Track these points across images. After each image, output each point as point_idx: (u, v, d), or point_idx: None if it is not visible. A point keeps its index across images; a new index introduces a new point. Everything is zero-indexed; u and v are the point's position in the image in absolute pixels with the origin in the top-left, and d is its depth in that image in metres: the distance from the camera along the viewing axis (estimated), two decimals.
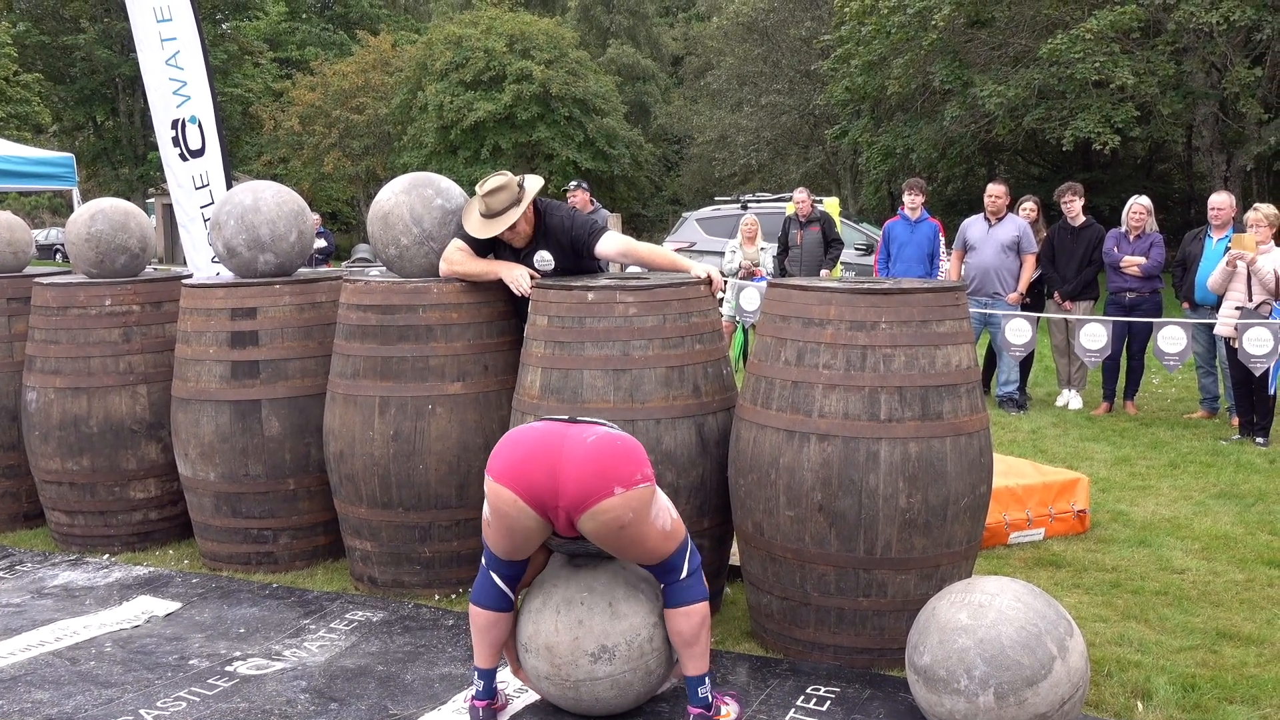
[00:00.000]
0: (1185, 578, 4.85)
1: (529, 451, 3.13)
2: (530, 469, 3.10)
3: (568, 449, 3.11)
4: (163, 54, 7.72)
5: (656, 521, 3.23)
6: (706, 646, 3.37)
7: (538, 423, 3.27)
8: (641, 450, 3.22)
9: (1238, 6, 15.76)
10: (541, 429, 3.21)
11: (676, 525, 3.33)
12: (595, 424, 3.23)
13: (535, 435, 3.18)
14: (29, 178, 12.73)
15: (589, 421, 3.24)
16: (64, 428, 5.33)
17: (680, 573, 3.34)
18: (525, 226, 4.60)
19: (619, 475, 3.10)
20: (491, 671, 3.46)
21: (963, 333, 3.85)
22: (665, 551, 3.30)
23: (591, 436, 3.14)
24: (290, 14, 44.18)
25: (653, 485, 3.19)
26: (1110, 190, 22.74)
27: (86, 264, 5.57)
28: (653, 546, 3.27)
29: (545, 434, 3.17)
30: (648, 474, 3.17)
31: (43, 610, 4.61)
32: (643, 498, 3.14)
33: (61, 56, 35.22)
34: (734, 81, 31.53)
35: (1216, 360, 8.25)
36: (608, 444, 3.14)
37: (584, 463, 3.08)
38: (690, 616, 3.33)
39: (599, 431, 3.18)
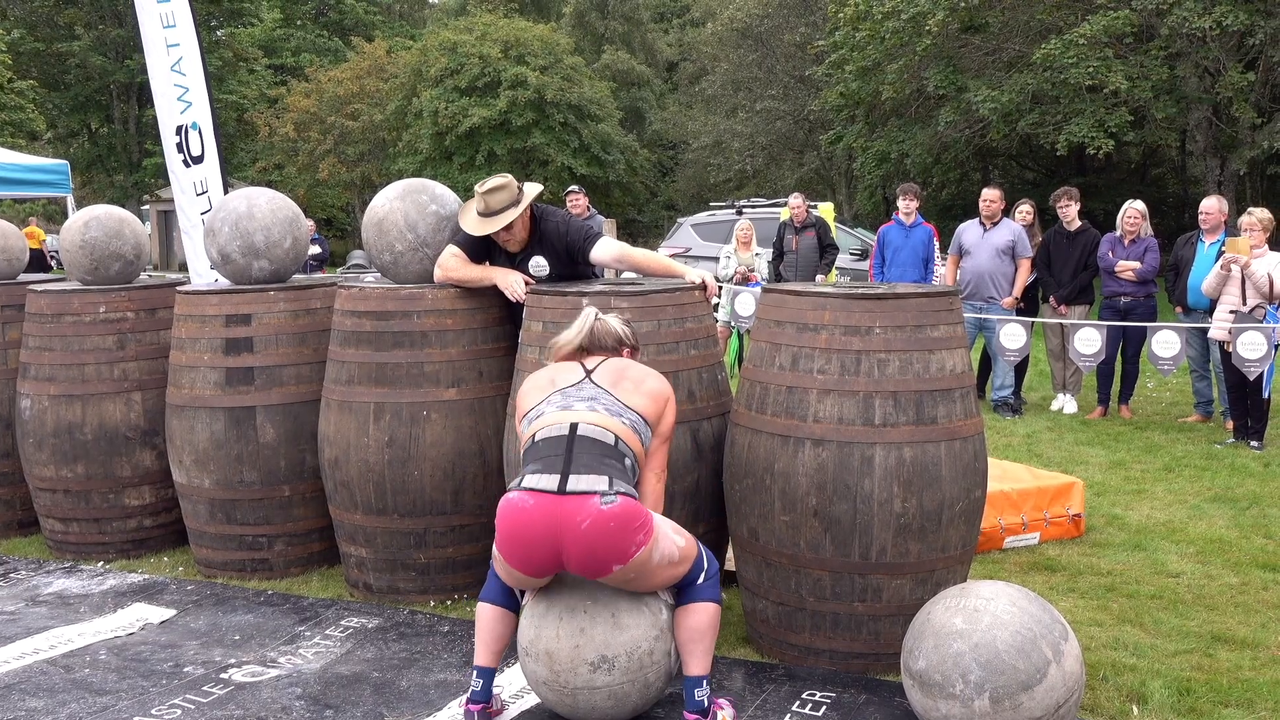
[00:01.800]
0: (1180, 581, 4.86)
1: (529, 540, 3.15)
2: (534, 555, 3.17)
3: (565, 535, 3.12)
4: (168, 60, 7.74)
5: (663, 562, 3.27)
6: (711, 648, 3.39)
7: (528, 497, 3.18)
8: (635, 515, 3.17)
9: (1230, 11, 15.82)
10: (534, 511, 3.15)
11: (685, 550, 3.35)
12: (587, 496, 3.14)
13: (530, 519, 3.15)
14: (24, 185, 12.73)
15: (580, 494, 3.15)
16: (58, 435, 5.32)
17: (697, 580, 3.40)
18: (522, 230, 4.60)
19: (616, 555, 3.14)
20: (491, 671, 3.44)
21: (957, 337, 3.86)
22: (678, 576, 3.36)
23: (585, 521, 3.11)
24: (285, 21, 44.24)
25: (649, 544, 3.19)
26: (1105, 194, 22.79)
27: (81, 271, 5.56)
28: (662, 581, 3.34)
29: (540, 518, 3.14)
30: (642, 539, 3.17)
31: (37, 618, 4.60)
32: (642, 560, 3.19)
33: (56, 63, 35.19)
34: (729, 87, 31.59)
35: (1211, 364, 8.27)
36: (601, 528, 3.11)
37: (582, 550, 3.12)
38: (700, 613, 3.36)
39: (591, 512, 3.12)
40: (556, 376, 3.52)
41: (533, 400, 3.49)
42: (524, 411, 3.49)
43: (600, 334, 3.64)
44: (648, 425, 3.43)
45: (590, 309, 3.71)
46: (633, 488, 3.27)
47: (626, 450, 3.33)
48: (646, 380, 3.52)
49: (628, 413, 3.40)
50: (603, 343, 3.63)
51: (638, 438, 3.39)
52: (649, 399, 3.47)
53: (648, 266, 4.66)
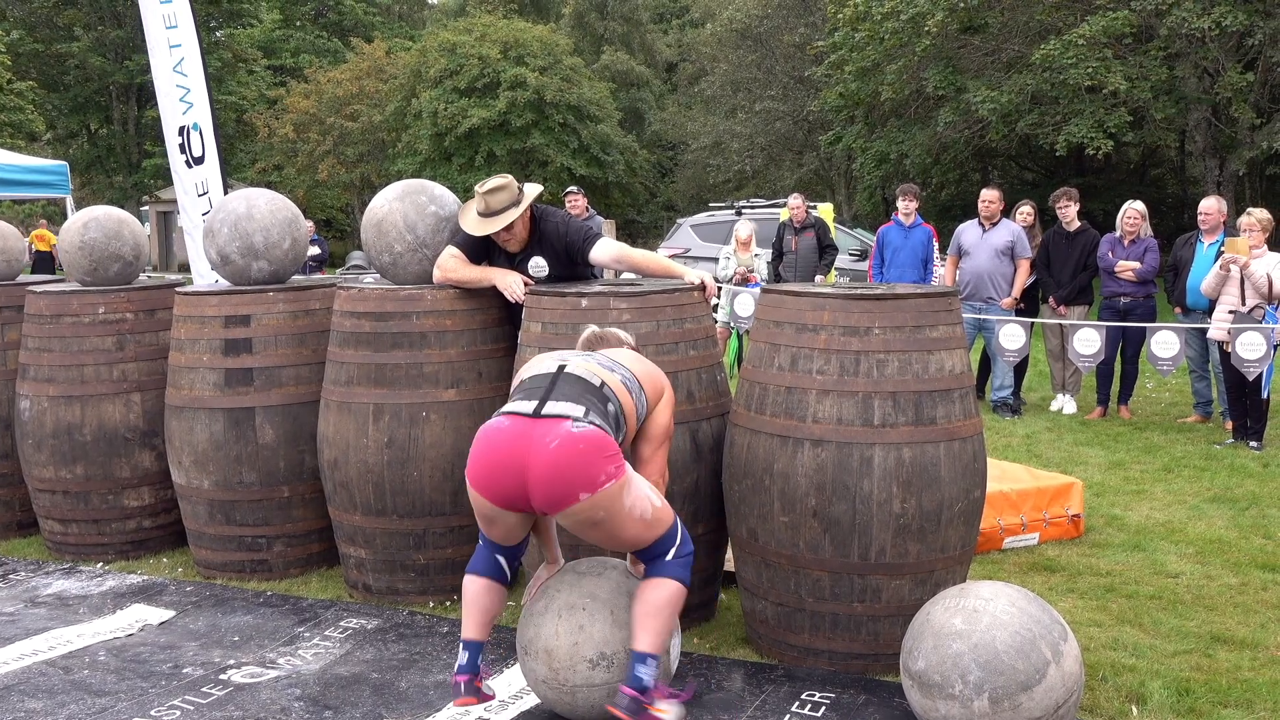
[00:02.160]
0: (1179, 582, 4.86)
1: (496, 460, 3.10)
2: (499, 476, 3.09)
3: (532, 456, 3.06)
4: (170, 60, 7.75)
5: (633, 512, 3.19)
6: (666, 629, 3.27)
7: (504, 420, 3.17)
8: (607, 445, 3.12)
9: (1229, 11, 15.83)
10: (507, 431, 3.13)
11: (660, 513, 3.28)
12: (559, 420, 3.12)
13: (500, 439, 3.13)
14: (23, 186, 12.71)
15: (553, 417, 3.13)
16: (57, 436, 5.32)
17: (667, 555, 3.31)
18: (522, 230, 4.60)
19: (583, 481, 3.05)
20: (478, 645, 3.34)
21: (956, 338, 3.86)
22: (647, 539, 3.27)
23: (554, 440, 3.06)
24: (284, 21, 44.25)
25: (621, 480, 3.12)
26: (1104, 195, 22.80)
27: (80, 272, 5.56)
28: (631, 536, 3.24)
29: (510, 438, 3.11)
30: (613, 471, 3.10)
31: (36, 619, 4.60)
32: (611, 495, 3.10)
33: (55, 64, 35.19)
34: (728, 88, 31.59)
35: (1210, 364, 8.27)
36: (569, 449, 3.06)
37: (547, 471, 3.04)
38: (660, 587, 3.27)
39: (561, 433, 3.08)
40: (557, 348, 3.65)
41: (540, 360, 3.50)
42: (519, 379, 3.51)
43: (594, 339, 3.72)
44: (642, 391, 3.39)
45: (590, 329, 3.78)
46: (611, 431, 3.20)
47: (611, 396, 3.28)
48: (649, 364, 3.55)
49: (621, 368, 3.38)
50: (617, 341, 3.72)
51: (629, 394, 3.33)
52: (647, 376, 3.46)
53: (647, 267, 4.66)
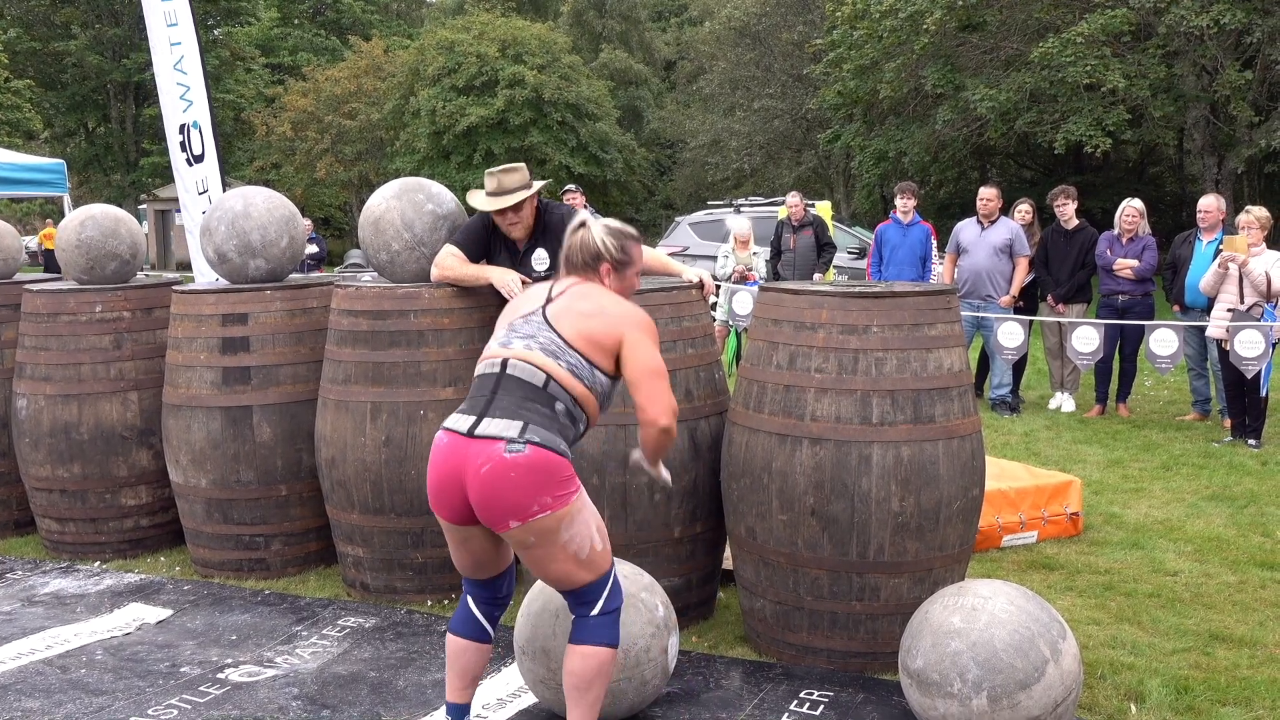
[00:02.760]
0: (1178, 580, 4.86)
1: (440, 477, 2.96)
2: (447, 494, 2.95)
3: (467, 477, 2.89)
4: (171, 58, 7.74)
5: (568, 547, 2.95)
6: (599, 700, 3.05)
7: (444, 436, 2.98)
8: (547, 469, 2.88)
9: (1228, 10, 15.81)
10: (446, 449, 2.96)
11: (597, 557, 3.02)
12: (492, 441, 2.88)
13: (440, 458, 2.96)
14: (20, 184, 12.71)
15: (486, 438, 2.89)
16: (54, 435, 5.31)
17: (593, 608, 3.04)
18: (529, 216, 4.57)
19: (513, 509, 2.87)
20: (460, 708, 3.21)
21: (955, 336, 3.85)
22: (574, 581, 3.01)
23: (485, 465, 2.86)
24: (282, 20, 44.19)
25: (559, 512, 2.90)
26: (1102, 193, 22.80)
27: (77, 270, 5.55)
28: (559, 572, 3.00)
29: (448, 455, 2.94)
30: (550, 502, 2.88)
31: (33, 618, 4.59)
32: (544, 526, 2.89)
33: (53, 63, 35.12)
34: (726, 86, 31.57)
35: (1208, 362, 8.27)
36: (500, 476, 2.85)
37: (478, 496, 2.89)
38: (589, 658, 3.01)
39: (494, 457, 2.86)
40: (523, 302, 3.21)
41: (498, 332, 3.20)
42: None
43: (572, 251, 3.20)
44: (592, 368, 3.05)
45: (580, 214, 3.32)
46: (561, 435, 2.96)
47: (559, 393, 2.99)
48: (597, 318, 3.08)
49: (566, 353, 3.03)
50: (574, 260, 3.20)
51: (578, 381, 3.02)
52: (591, 341, 3.05)
53: (647, 264, 4.65)
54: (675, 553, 4.20)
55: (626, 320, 3.10)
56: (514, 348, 3.06)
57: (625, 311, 3.12)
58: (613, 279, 3.20)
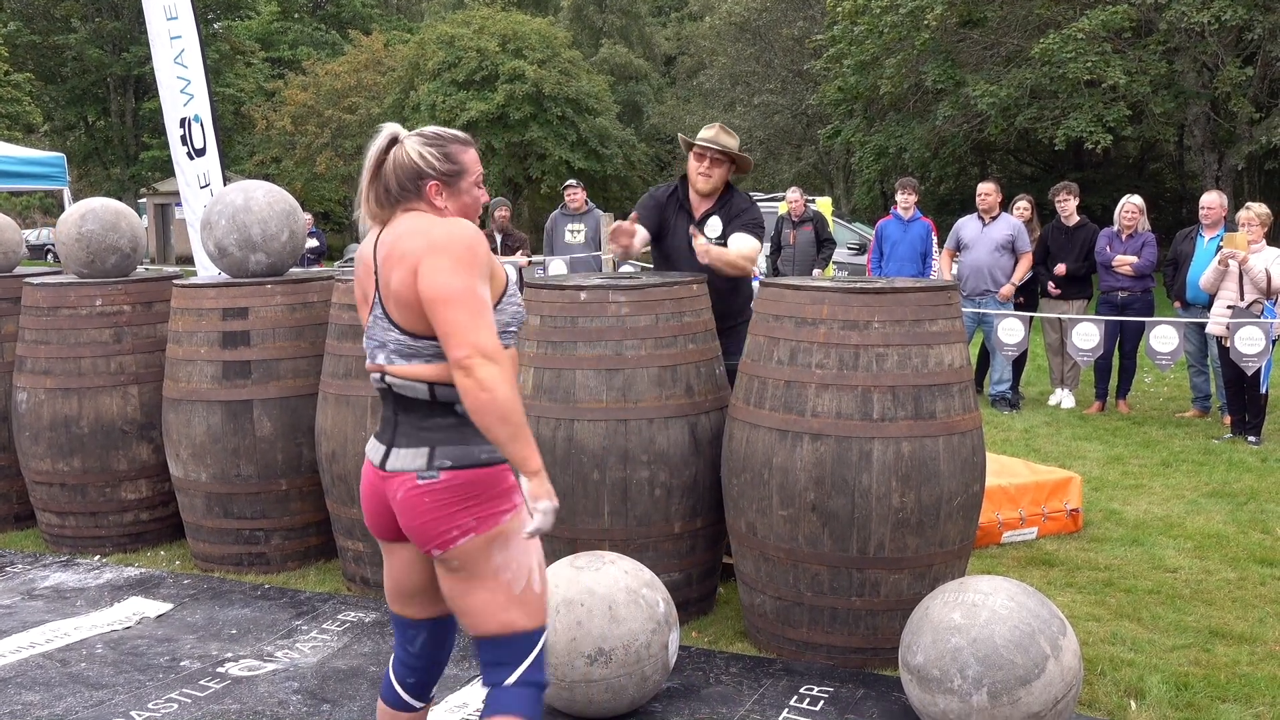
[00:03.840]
0: (1178, 576, 4.86)
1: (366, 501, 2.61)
2: (377, 516, 2.60)
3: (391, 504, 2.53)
4: (171, 52, 7.73)
5: (502, 574, 2.49)
6: None
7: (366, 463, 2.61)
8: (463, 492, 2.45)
9: (1229, 6, 15.81)
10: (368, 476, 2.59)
11: (534, 599, 2.54)
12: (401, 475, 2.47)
13: (367, 483, 2.60)
14: (20, 178, 12.69)
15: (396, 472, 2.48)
16: (55, 428, 5.31)
17: (511, 672, 2.52)
18: (719, 179, 4.70)
19: (434, 537, 2.46)
20: None
21: (955, 332, 3.85)
22: (503, 621, 2.50)
23: (399, 492, 2.47)
24: (282, 13, 44.13)
25: (486, 534, 2.46)
26: (1103, 189, 22.80)
27: (77, 264, 5.54)
28: (485, 603, 2.49)
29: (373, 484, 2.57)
30: (472, 524, 2.45)
31: (33, 612, 4.59)
32: (467, 551, 2.45)
33: (52, 56, 35.13)
34: (727, 81, 31.56)
35: (1208, 359, 8.27)
36: (413, 503, 2.46)
37: (403, 524, 2.51)
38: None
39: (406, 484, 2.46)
40: (360, 289, 2.63)
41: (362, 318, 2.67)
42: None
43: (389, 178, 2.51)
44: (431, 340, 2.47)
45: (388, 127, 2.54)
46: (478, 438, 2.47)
47: (449, 394, 2.46)
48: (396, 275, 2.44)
49: (419, 346, 2.47)
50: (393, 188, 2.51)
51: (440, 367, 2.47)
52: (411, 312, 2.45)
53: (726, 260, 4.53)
54: (675, 548, 4.20)
55: (414, 252, 2.41)
56: (381, 361, 2.54)
57: (418, 242, 2.42)
58: (446, 198, 2.53)
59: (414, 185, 2.50)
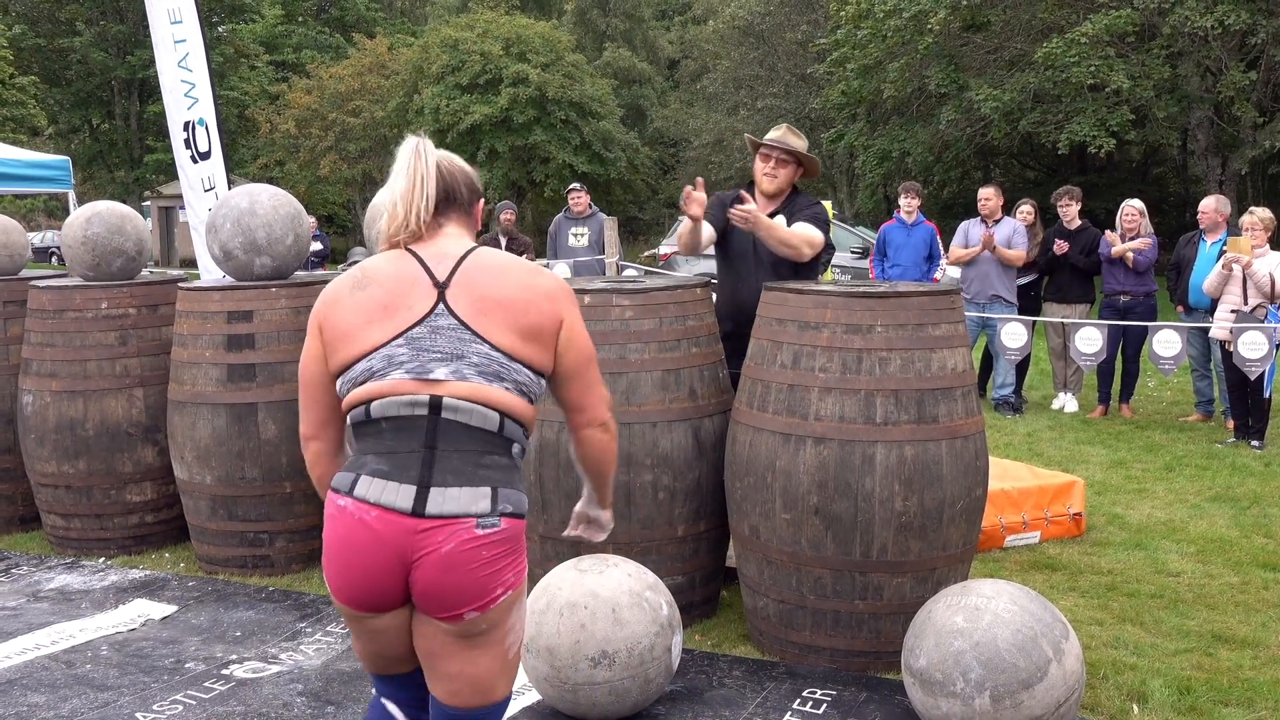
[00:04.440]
0: (1181, 581, 4.86)
1: (367, 567, 2.17)
2: (372, 585, 2.19)
3: (418, 565, 2.15)
4: (175, 56, 7.76)
5: (509, 635, 2.29)
6: None
7: (369, 513, 2.15)
8: (514, 544, 2.22)
9: (1232, 10, 15.81)
10: (375, 532, 2.15)
11: (513, 669, 2.35)
12: (454, 521, 2.15)
13: (369, 543, 2.16)
14: (25, 180, 12.71)
15: (446, 518, 2.14)
16: (60, 431, 5.33)
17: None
18: (784, 180, 4.70)
19: (476, 594, 2.18)
20: None
21: (958, 336, 3.86)
22: (491, 692, 2.30)
23: (447, 545, 2.14)
24: (286, 17, 44.22)
25: (519, 586, 2.26)
26: (1106, 194, 22.77)
27: (83, 267, 5.56)
28: (483, 672, 2.27)
29: (383, 543, 2.15)
30: (513, 580, 2.23)
31: (38, 613, 4.61)
32: (501, 613, 2.24)
33: (57, 59, 35.20)
34: (730, 85, 31.58)
35: (1211, 363, 8.27)
36: (468, 557, 2.15)
37: (435, 582, 2.16)
38: None
39: (457, 535, 2.15)
40: (391, 299, 2.25)
41: (354, 343, 2.25)
42: (341, 358, 2.27)
43: (459, 183, 2.39)
44: (540, 377, 2.32)
45: (413, 141, 2.38)
46: (522, 482, 2.29)
47: (515, 432, 2.26)
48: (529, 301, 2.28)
49: (513, 369, 2.25)
50: (470, 195, 2.41)
51: (528, 403, 2.29)
52: (536, 339, 2.28)
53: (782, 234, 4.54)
54: (679, 551, 4.21)
55: (561, 295, 2.33)
56: (439, 377, 2.21)
57: (550, 283, 2.34)
58: (476, 216, 2.46)
59: (472, 198, 2.43)
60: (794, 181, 4.78)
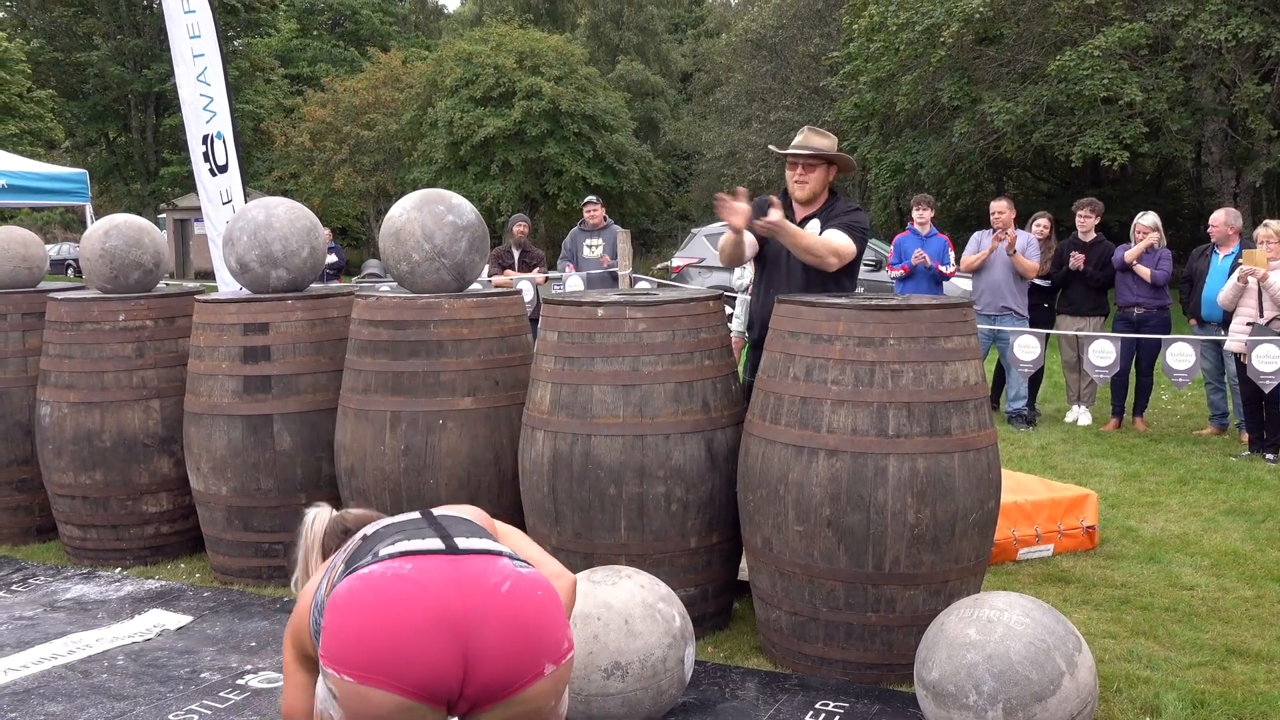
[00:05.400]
0: (1194, 594, 4.85)
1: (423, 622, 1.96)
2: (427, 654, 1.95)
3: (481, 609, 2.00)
4: (194, 70, 7.84)
5: (562, 704, 2.22)
6: None
7: (404, 564, 2.04)
8: (555, 591, 2.15)
9: (1246, 23, 15.79)
10: (423, 579, 2.01)
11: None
12: (491, 557, 2.10)
13: (421, 591, 1.99)
14: (43, 193, 12.82)
15: (479, 553, 2.09)
16: (77, 442, 5.37)
17: None
18: (815, 183, 4.56)
19: (550, 645, 2.05)
20: None
21: (971, 349, 3.87)
22: None
23: (505, 583, 2.04)
24: (302, 31, 44.53)
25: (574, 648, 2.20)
26: (1119, 206, 22.70)
27: (101, 279, 5.61)
28: None
29: (432, 588, 2.00)
30: (571, 635, 2.17)
31: (55, 623, 4.64)
32: (567, 668, 2.14)
33: (74, 73, 35.51)
34: (743, 98, 31.62)
35: (1226, 376, 8.24)
36: (528, 595, 2.05)
37: (506, 627, 2.01)
38: None
39: (509, 573, 2.07)
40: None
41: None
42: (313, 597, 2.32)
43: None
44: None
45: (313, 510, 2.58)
46: None
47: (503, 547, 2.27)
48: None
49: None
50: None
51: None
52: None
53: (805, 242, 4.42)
54: (692, 563, 4.22)
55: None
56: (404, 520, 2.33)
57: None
58: None
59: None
60: (830, 183, 4.64)
